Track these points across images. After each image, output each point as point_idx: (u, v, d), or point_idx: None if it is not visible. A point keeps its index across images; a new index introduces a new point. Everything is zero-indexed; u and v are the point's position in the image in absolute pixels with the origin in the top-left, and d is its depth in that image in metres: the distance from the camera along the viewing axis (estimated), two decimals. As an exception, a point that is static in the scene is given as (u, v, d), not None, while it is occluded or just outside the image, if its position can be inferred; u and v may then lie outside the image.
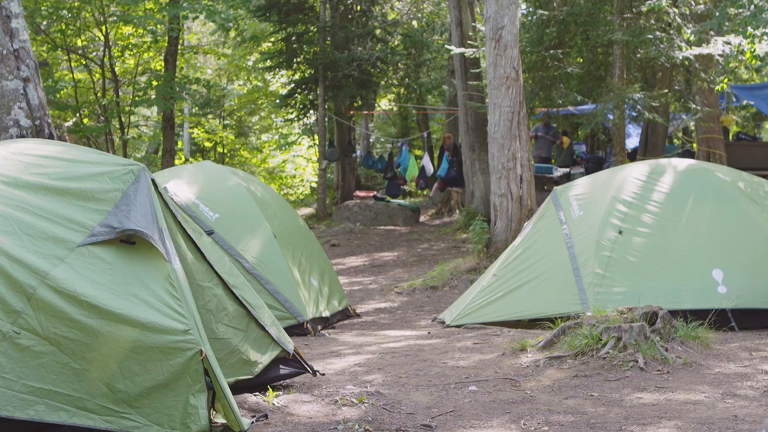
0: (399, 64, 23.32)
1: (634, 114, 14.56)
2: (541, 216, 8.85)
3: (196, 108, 27.11)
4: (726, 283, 7.64)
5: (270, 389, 5.28)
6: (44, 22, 17.73)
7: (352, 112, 23.74)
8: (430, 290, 11.33)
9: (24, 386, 4.17)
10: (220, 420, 4.54)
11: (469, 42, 15.81)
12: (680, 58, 13.04)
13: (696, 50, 12.75)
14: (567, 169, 18.97)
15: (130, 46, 20.01)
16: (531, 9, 15.13)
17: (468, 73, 16.81)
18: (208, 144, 29.21)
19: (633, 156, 17.51)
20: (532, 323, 7.78)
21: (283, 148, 30.78)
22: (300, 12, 20.74)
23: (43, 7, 17.01)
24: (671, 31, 13.40)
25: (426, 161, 23.25)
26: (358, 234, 17.69)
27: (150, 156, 26.23)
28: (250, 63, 27.25)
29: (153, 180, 4.85)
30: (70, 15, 17.85)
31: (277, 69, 22.43)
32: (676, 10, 13.03)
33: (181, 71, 21.88)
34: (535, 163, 18.32)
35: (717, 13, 11.50)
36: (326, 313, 8.95)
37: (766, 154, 17.14)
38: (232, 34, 23.32)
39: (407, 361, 6.72)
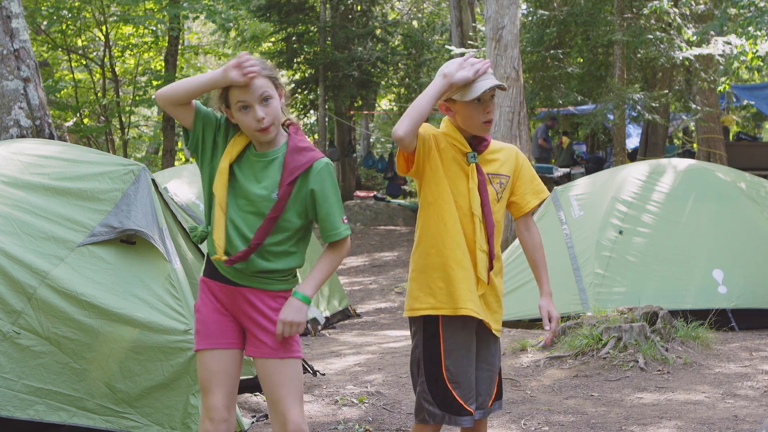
0: (399, 64, 23.32)
1: (634, 114, 14.56)
2: (541, 216, 8.84)
3: (196, 108, 27.08)
4: (726, 283, 7.64)
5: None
6: (44, 22, 17.73)
7: (352, 112, 23.75)
8: (430, 290, 11.34)
9: (24, 386, 4.17)
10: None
11: (469, 42, 15.81)
12: (680, 58, 13.03)
13: (696, 50, 12.74)
14: (567, 169, 18.97)
15: (130, 46, 20.00)
16: (531, 9, 15.13)
17: (468, 73, 16.78)
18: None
19: (633, 156, 17.51)
20: (532, 323, 7.78)
21: (283, 148, 30.75)
22: (300, 12, 20.75)
23: (43, 7, 17.01)
24: (671, 32, 13.40)
25: (426, 161, 23.22)
26: (358, 234, 17.67)
27: (150, 156, 26.23)
28: (250, 63, 27.22)
29: (153, 180, 4.85)
30: (70, 15, 17.83)
31: (278, 69, 22.42)
32: (676, 11, 13.03)
33: (182, 71, 21.87)
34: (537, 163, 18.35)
35: (718, 14, 11.50)
36: (326, 313, 8.95)
37: (766, 154, 17.14)
38: (233, 34, 23.32)
39: (407, 361, 6.69)
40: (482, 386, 3.34)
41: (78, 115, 19.58)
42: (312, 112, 22.71)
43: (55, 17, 17.29)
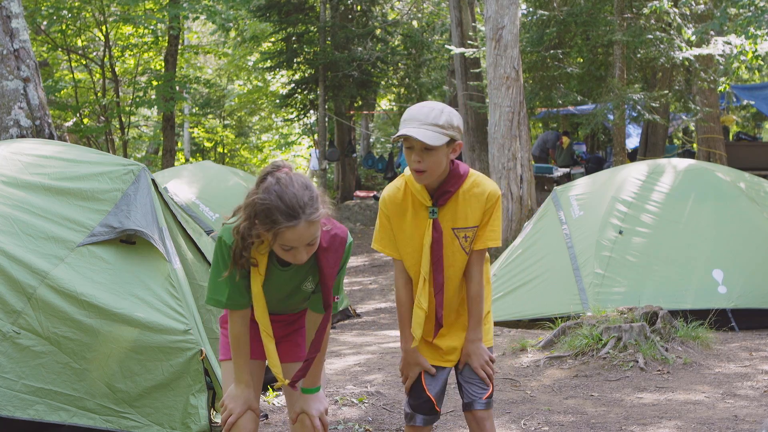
0: (399, 64, 23.31)
1: (634, 114, 14.57)
2: (542, 216, 8.85)
3: (196, 108, 27.11)
4: (726, 283, 7.64)
5: (270, 389, 5.28)
6: (44, 22, 17.73)
7: (352, 112, 23.75)
8: (430, 290, 11.32)
9: (24, 386, 4.17)
10: (220, 420, 4.54)
11: (469, 42, 15.82)
12: (680, 58, 13.04)
13: (696, 50, 12.75)
14: (567, 169, 18.99)
15: (130, 46, 20.01)
16: (531, 9, 15.13)
17: (468, 73, 16.81)
18: (208, 144, 29.22)
19: (633, 156, 17.51)
20: (532, 323, 7.78)
21: (283, 148, 30.82)
22: (300, 12, 20.74)
23: (43, 7, 17.01)
24: (671, 32, 13.41)
25: (426, 161, 23.20)
26: (358, 234, 17.68)
27: (150, 156, 26.23)
28: (250, 63, 27.26)
29: (153, 180, 4.85)
30: (70, 15, 17.84)
31: (277, 69, 22.44)
32: (676, 11, 13.03)
33: (182, 71, 21.87)
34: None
35: (718, 14, 11.51)
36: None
37: (766, 154, 17.14)
38: (233, 34, 23.33)
39: (407, 361, 6.70)
40: (474, 382, 3.39)
41: (78, 115, 19.58)
42: (312, 112, 22.70)
43: (55, 17, 17.29)
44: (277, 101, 24.74)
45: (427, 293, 3.24)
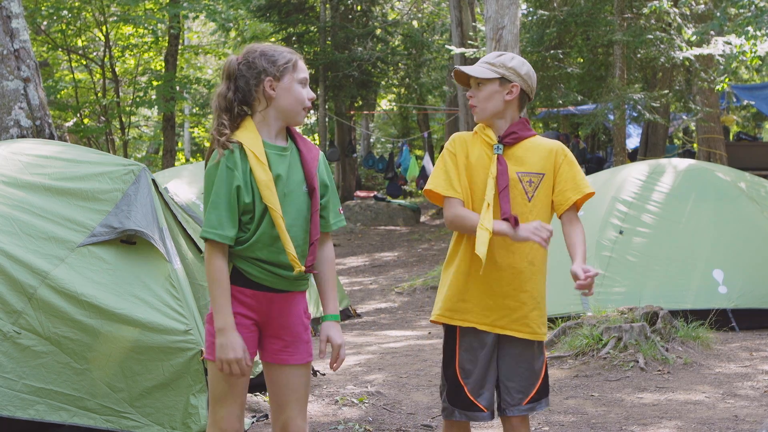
0: (399, 64, 23.33)
1: (635, 114, 14.56)
2: (542, 216, 8.84)
3: (197, 108, 27.10)
4: (726, 283, 7.64)
5: (270, 389, 5.28)
6: (44, 22, 17.73)
7: (352, 112, 23.76)
8: (430, 290, 11.33)
9: (25, 386, 4.17)
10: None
11: (469, 42, 15.81)
12: (680, 58, 13.03)
13: (696, 50, 12.74)
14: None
15: (130, 46, 20.01)
16: (531, 9, 15.13)
17: (468, 73, 16.79)
18: (208, 144, 29.20)
19: (633, 156, 17.51)
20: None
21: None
22: (300, 12, 20.76)
23: (43, 7, 17.01)
24: (671, 32, 13.40)
25: (427, 161, 23.24)
26: (358, 234, 17.68)
27: (150, 156, 26.24)
28: (250, 63, 27.24)
29: (153, 180, 4.85)
30: (70, 15, 17.84)
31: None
32: (676, 11, 13.03)
33: (182, 71, 21.87)
34: None
35: (718, 14, 11.50)
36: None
37: (766, 154, 17.14)
38: (233, 34, 23.33)
39: (407, 361, 6.72)
40: (514, 383, 3.35)
41: (78, 115, 19.59)
42: (312, 112, 22.71)
43: (55, 17, 17.30)
44: (278, 101, 24.71)
45: (491, 216, 3.18)
